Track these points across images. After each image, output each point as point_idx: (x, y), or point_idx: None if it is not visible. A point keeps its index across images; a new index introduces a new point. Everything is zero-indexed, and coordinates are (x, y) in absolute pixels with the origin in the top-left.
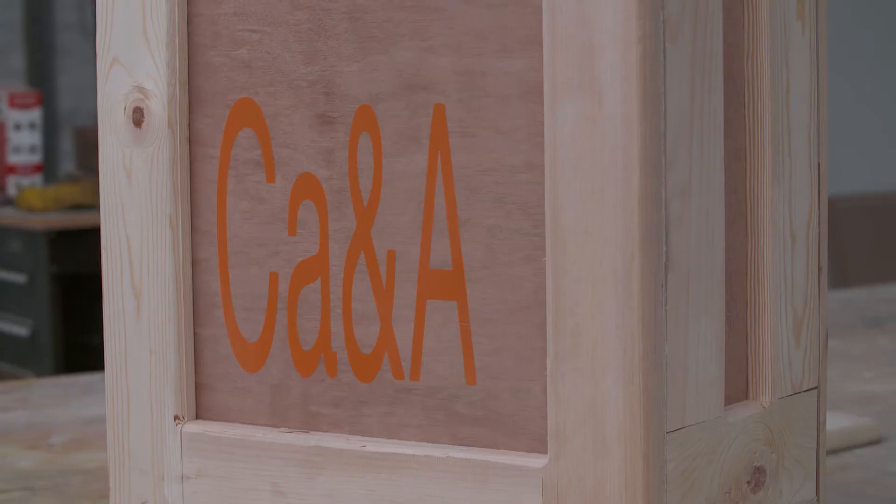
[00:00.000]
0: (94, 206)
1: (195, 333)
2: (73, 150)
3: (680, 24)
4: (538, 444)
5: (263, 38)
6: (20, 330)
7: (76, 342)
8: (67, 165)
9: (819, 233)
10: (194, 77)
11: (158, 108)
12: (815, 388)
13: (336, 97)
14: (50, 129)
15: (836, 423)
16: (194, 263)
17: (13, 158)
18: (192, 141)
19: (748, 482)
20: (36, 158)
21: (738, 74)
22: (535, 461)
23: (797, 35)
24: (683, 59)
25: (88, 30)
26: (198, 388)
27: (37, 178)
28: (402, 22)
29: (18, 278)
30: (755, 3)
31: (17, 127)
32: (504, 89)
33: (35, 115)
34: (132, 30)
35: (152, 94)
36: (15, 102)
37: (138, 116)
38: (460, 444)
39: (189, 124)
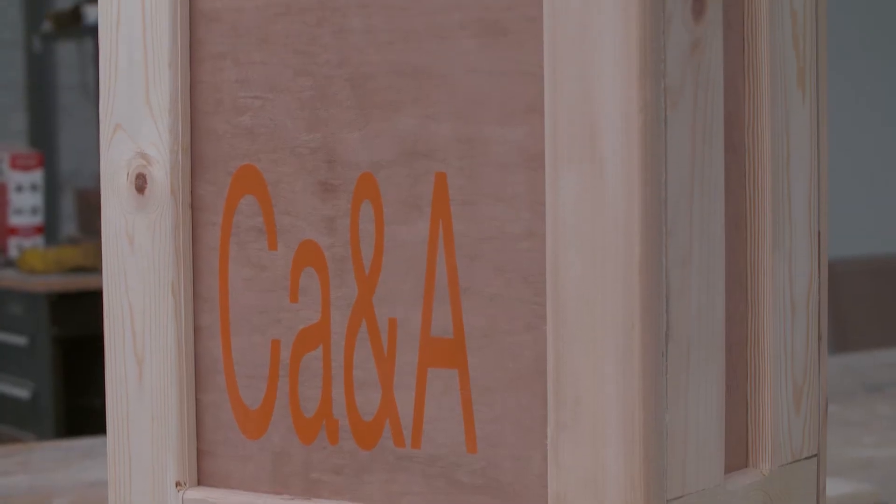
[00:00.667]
0: (95, 269)
1: (197, 400)
2: (74, 212)
3: (681, 92)
4: None
5: (266, 105)
6: (21, 392)
7: (77, 404)
8: (68, 227)
9: (819, 301)
10: (197, 143)
11: (161, 174)
12: (815, 455)
13: (338, 164)
14: (51, 191)
15: (836, 489)
16: (196, 330)
17: (14, 220)
18: (195, 207)
19: None
20: (37, 220)
21: (739, 142)
22: None
23: (797, 103)
24: (684, 127)
25: (90, 91)
26: (199, 454)
27: (38, 240)
28: (403, 89)
29: (19, 340)
30: (756, 71)
31: (19, 188)
32: (505, 157)
33: (37, 176)
34: (135, 96)
35: (155, 161)
36: (17, 164)
37: (141, 182)
38: None
39: (191, 191)
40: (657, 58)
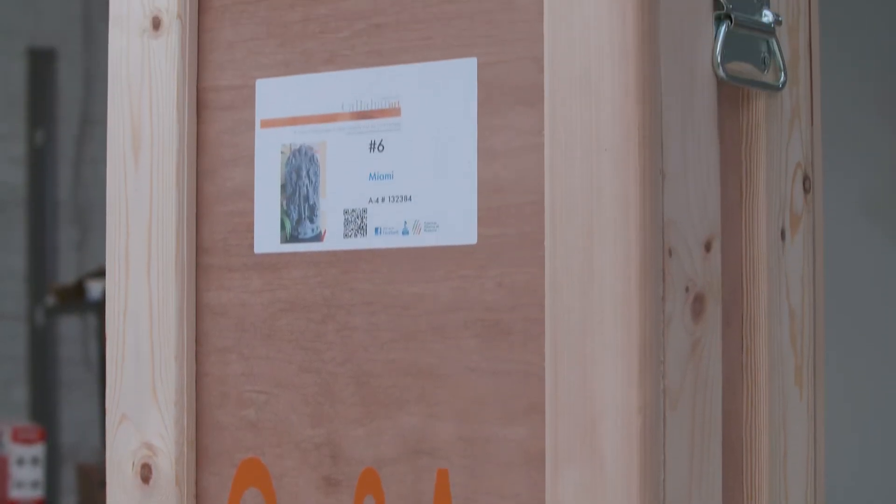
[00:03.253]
0: None
1: None
2: (75, 487)
3: (680, 392)
4: None
5: (270, 400)
6: None
7: None
8: (69, 501)
9: None
10: (202, 436)
11: (166, 465)
12: None
13: (341, 460)
14: (52, 465)
15: None
16: None
17: (15, 493)
18: (199, 497)
19: None
20: (38, 494)
21: (737, 439)
22: None
23: (795, 400)
24: (683, 426)
25: (92, 366)
26: None
27: None
28: (407, 388)
29: None
30: (754, 368)
31: (20, 462)
32: (506, 456)
33: (38, 450)
34: (141, 388)
35: (160, 451)
36: (18, 437)
37: (146, 473)
38: None
39: (196, 482)
40: (657, 359)
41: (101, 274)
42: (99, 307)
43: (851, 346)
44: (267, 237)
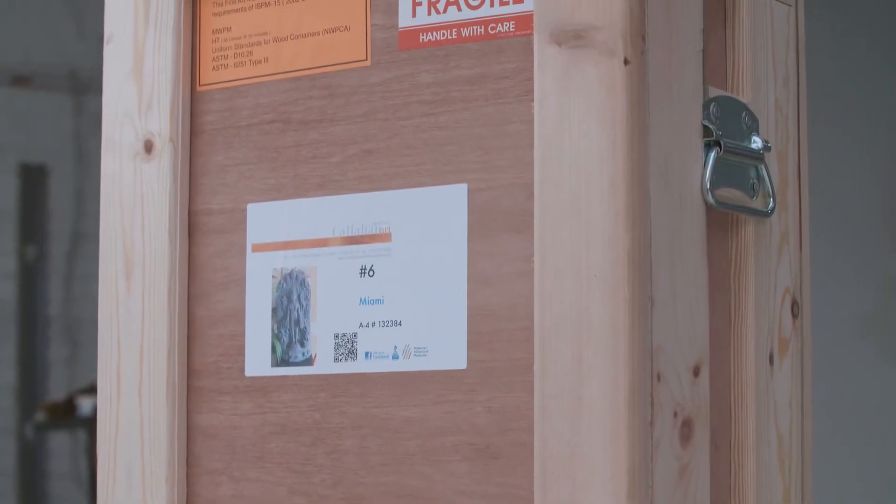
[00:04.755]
0: None
1: None
2: None
3: None
4: None
5: None
6: None
7: None
8: None
9: None
10: None
11: None
12: None
13: None
14: None
15: None
16: None
17: None
18: None
19: None
20: None
21: None
22: None
23: None
24: None
25: (82, 481)
26: None
27: None
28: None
29: None
30: (742, 494)
31: None
32: None
33: None
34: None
35: None
36: None
37: None
38: None
39: None
40: (645, 484)
41: (91, 390)
42: (89, 423)
43: (841, 468)
44: (258, 360)
